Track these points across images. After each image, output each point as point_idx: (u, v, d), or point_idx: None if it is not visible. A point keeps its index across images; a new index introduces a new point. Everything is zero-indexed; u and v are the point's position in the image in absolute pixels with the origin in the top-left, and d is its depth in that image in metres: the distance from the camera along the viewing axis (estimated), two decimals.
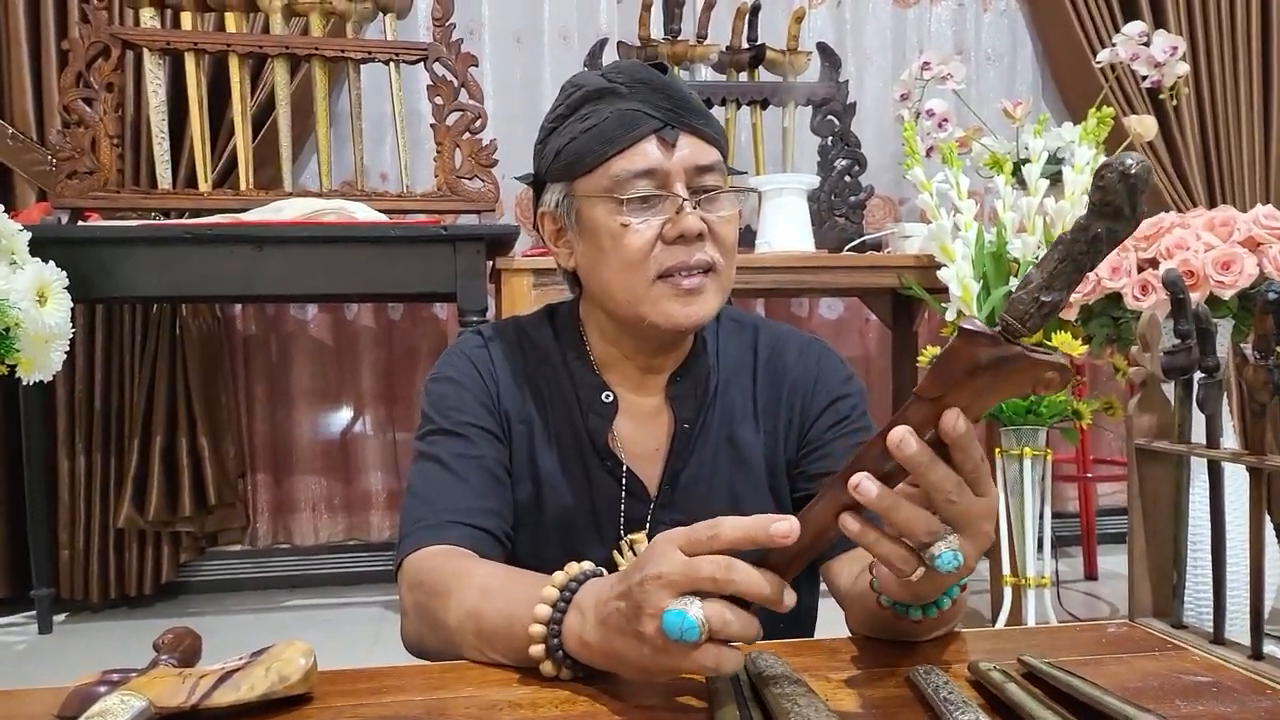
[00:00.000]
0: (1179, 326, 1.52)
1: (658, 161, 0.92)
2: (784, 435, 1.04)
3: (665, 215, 0.92)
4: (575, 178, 0.96)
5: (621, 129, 0.92)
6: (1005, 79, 3.59)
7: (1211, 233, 1.92)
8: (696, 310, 0.94)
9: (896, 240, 2.85)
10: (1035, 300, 0.56)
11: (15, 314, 1.81)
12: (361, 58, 2.70)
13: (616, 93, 0.94)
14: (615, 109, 0.93)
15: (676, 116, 0.93)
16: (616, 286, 0.95)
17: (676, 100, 0.93)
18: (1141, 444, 1.67)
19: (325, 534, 3.28)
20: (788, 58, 3.06)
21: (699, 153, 0.93)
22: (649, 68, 0.95)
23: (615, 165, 0.92)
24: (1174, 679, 0.73)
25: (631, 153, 0.92)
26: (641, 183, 0.92)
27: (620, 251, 0.93)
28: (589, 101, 0.95)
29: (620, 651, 0.65)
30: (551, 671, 0.70)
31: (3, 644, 2.71)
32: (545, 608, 0.70)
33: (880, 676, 0.74)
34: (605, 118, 0.93)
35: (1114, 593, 2.99)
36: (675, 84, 0.95)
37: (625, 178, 0.92)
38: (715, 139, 0.95)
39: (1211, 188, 3.50)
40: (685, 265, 0.92)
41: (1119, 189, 0.53)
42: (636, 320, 0.95)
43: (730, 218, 0.96)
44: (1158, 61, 2.58)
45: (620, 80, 0.94)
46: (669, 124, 0.92)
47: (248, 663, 0.68)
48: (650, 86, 0.93)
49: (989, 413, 2.25)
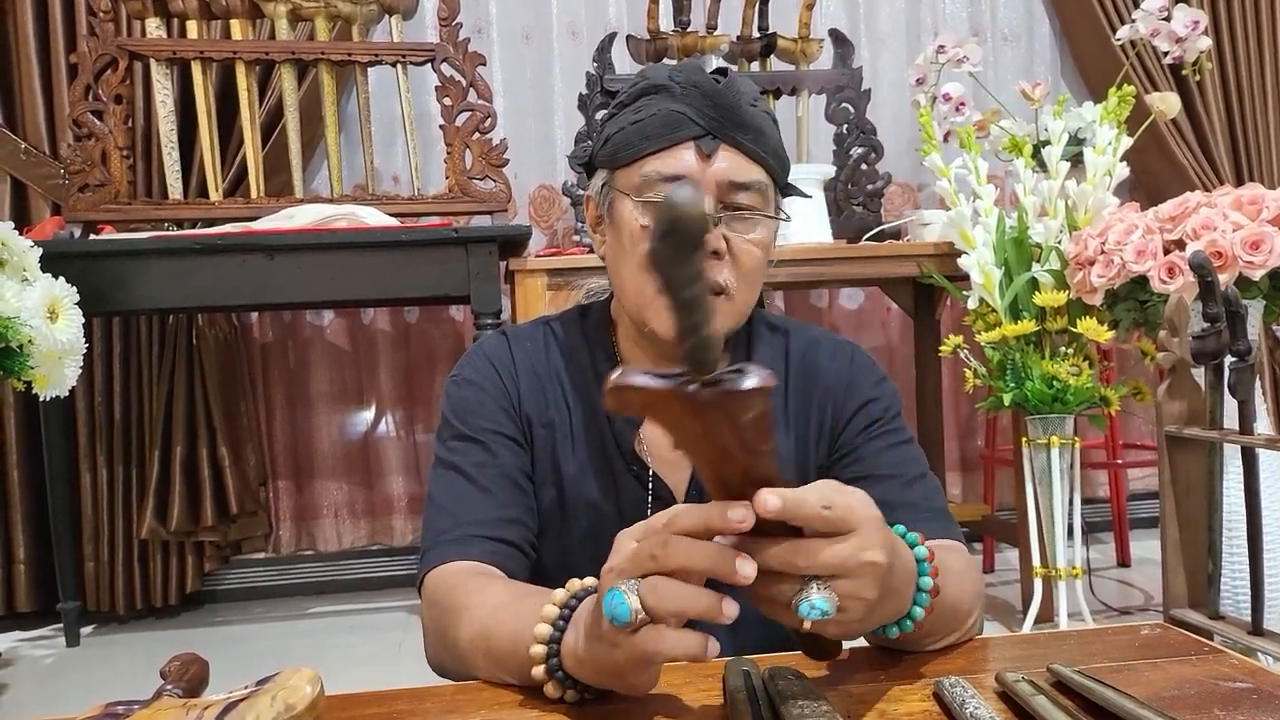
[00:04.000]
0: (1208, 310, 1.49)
1: (690, 169, 0.90)
2: (815, 440, 1.01)
3: None
4: (616, 168, 0.95)
5: (663, 129, 0.90)
6: (1023, 59, 3.53)
7: (1239, 212, 1.87)
8: None
9: (915, 228, 2.80)
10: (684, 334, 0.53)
11: (27, 331, 1.81)
12: (368, 61, 2.68)
13: (670, 91, 0.91)
14: (664, 108, 0.91)
15: (721, 127, 0.90)
16: (629, 287, 0.95)
17: (724, 110, 0.90)
18: (1172, 431, 1.63)
19: (348, 539, 3.28)
20: (800, 45, 3.02)
21: (737, 169, 0.91)
22: (707, 72, 0.92)
23: (649, 164, 0.91)
24: (1211, 686, 0.70)
25: (667, 155, 0.91)
26: (668, 188, 0.90)
27: (636, 253, 0.92)
28: (646, 95, 0.93)
29: (598, 659, 0.63)
30: (555, 694, 0.68)
31: (31, 658, 2.73)
32: (545, 626, 0.67)
33: (904, 690, 0.71)
34: (653, 114, 0.91)
35: (1148, 580, 2.95)
36: (728, 93, 0.90)
37: (655, 179, 0.91)
38: (763, 158, 0.92)
39: (1238, 165, 3.44)
40: None
41: (661, 220, 0.50)
42: (642, 324, 0.95)
43: (758, 241, 0.92)
44: (1179, 37, 2.52)
45: (678, 79, 0.91)
46: (710, 133, 0.90)
47: (253, 692, 0.66)
48: (700, 91, 0.90)
49: (1012, 403, 2.21)
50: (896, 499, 0.94)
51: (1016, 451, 2.43)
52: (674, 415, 0.57)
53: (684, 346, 0.53)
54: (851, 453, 0.99)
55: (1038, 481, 2.30)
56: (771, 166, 0.93)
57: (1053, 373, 2.18)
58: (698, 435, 0.57)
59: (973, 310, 2.37)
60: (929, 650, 0.79)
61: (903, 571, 0.67)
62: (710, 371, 0.54)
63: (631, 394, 0.55)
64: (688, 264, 0.51)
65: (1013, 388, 2.22)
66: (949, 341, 2.31)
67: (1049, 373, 2.18)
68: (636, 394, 0.55)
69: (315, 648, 2.74)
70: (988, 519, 3.04)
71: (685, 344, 0.53)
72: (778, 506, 0.59)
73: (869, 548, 0.61)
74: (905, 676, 0.74)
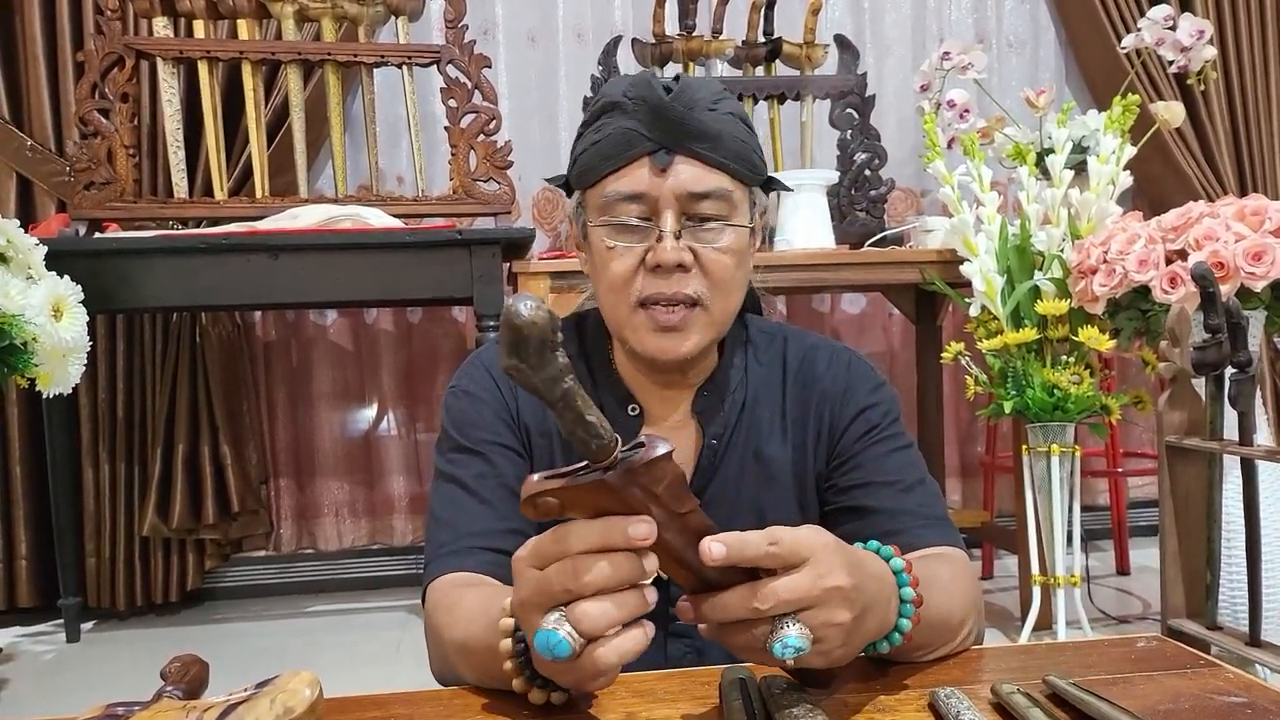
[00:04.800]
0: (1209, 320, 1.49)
1: (647, 186, 0.89)
2: (813, 448, 1.00)
3: (649, 243, 0.90)
4: (584, 189, 0.95)
5: (617, 148, 0.90)
6: (1028, 67, 3.53)
7: (1242, 222, 1.86)
8: (675, 346, 0.92)
9: (919, 234, 2.80)
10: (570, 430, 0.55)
11: (31, 329, 1.82)
12: (374, 62, 2.69)
13: (623, 108, 0.90)
14: (619, 126, 0.90)
15: (673, 139, 0.89)
16: (605, 306, 0.96)
17: (674, 121, 0.89)
18: (1172, 441, 1.63)
19: (349, 539, 3.28)
20: (805, 51, 3.02)
21: (696, 179, 0.89)
22: (656, 84, 0.90)
23: (609, 184, 0.91)
24: (1206, 700, 0.70)
25: (624, 174, 0.90)
26: (630, 206, 0.90)
27: (605, 274, 0.92)
28: (605, 113, 0.92)
29: (557, 675, 0.64)
30: (540, 699, 0.68)
31: (32, 653, 2.73)
32: (508, 641, 0.67)
33: (899, 700, 0.71)
34: (609, 134, 0.90)
35: (1146, 588, 2.95)
36: (678, 103, 0.89)
37: (615, 199, 0.91)
38: (723, 163, 0.90)
39: (1242, 175, 3.43)
40: (664, 297, 0.90)
41: (504, 337, 0.51)
42: (623, 342, 0.96)
43: (727, 249, 0.91)
44: (1184, 46, 2.52)
45: (630, 95, 0.90)
46: (663, 147, 0.89)
47: (252, 694, 0.66)
48: (649, 105, 0.89)
49: (1012, 411, 2.21)
50: (896, 505, 0.94)
51: (1016, 459, 2.43)
52: (595, 504, 0.58)
53: (575, 441, 0.55)
54: (850, 460, 0.98)
55: (1037, 489, 2.30)
56: (735, 170, 0.91)
57: (1054, 381, 2.18)
58: (625, 514, 0.58)
59: (975, 317, 2.37)
60: (924, 660, 0.79)
61: (877, 587, 0.67)
62: (610, 454, 0.55)
63: (546, 500, 0.57)
64: (545, 368, 0.51)
65: (1014, 395, 2.22)
66: (950, 348, 2.31)
67: (1050, 381, 2.18)
68: (552, 498, 0.57)
69: (315, 646, 2.74)
70: (987, 525, 3.04)
71: (575, 438, 0.54)
72: (722, 552, 0.60)
73: (826, 573, 0.62)
74: (899, 687, 0.73)
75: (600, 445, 0.55)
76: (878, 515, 0.94)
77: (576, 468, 0.58)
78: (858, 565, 0.65)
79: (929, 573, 0.74)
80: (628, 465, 0.56)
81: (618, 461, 0.56)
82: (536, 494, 0.57)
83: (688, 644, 0.97)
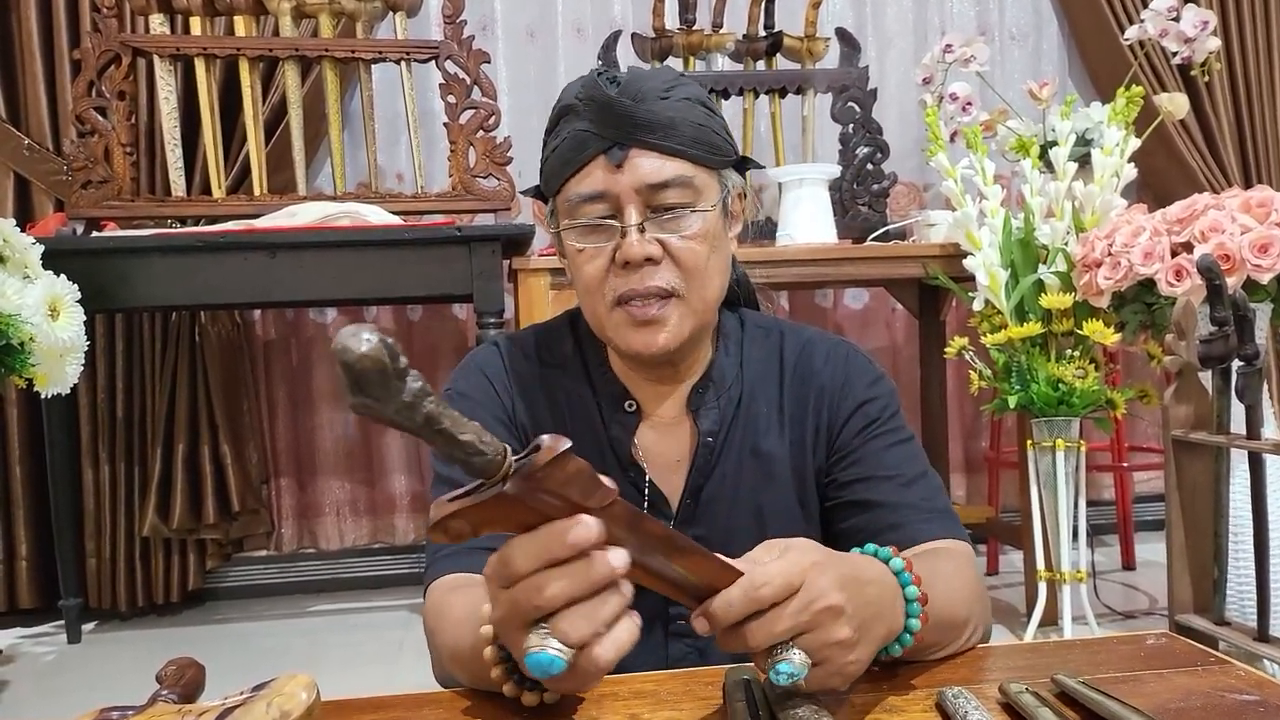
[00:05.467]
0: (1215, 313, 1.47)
1: (605, 184, 0.89)
2: (812, 444, 0.99)
3: (616, 240, 0.90)
4: (553, 195, 0.95)
5: (573, 151, 0.90)
6: (1030, 59, 3.51)
7: (1248, 214, 1.85)
8: (656, 339, 0.91)
9: (921, 229, 2.79)
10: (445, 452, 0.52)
11: (28, 329, 1.81)
12: (372, 58, 2.67)
13: (576, 110, 0.90)
14: (573, 129, 0.90)
15: (623, 133, 0.88)
16: (585, 309, 0.96)
17: (623, 115, 0.88)
18: (1179, 435, 1.62)
19: (350, 538, 3.27)
20: (805, 44, 3.00)
21: (653, 170, 0.88)
22: (602, 82, 0.89)
23: (570, 188, 0.91)
24: (1217, 698, 0.68)
25: (582, 175, 0.90)
26: (592, 207, 0.90)
27: (580, 276, 0.92)
28: (562, 118, 0.92)
29: (552, 682, 0.63)
30: (533, 701, 0.67)
31: (32, 655, 2.72)
32: (489, 628, 0.66)
33: (906, 700, 0.70)
34: (564, 138, 0.90)
35: (1152, 583, 2.93)
36: (622, 100, 0.88)
37: (577, 201, 0.90)
38: (679, 149, 0.89)
39: (1247, 167, 3.42)
40: (636, 293, 0.89)
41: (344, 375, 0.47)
42: (608, 343, 0.95)
43: (696, 235, 0.90)
44: (1188, 37, 2.50)
45: (580, 97, 0.90)
46: (615, 143, 0.88)
47: (249, 698, 0.65)
48: (597, 103, 0.88)
49: (1017, 406, 2.19)
50: (897, 499, 0.93)
51: (1021, 454, 2.42)
52: (508, 518, 0.56)
53: (459, 465, 0.52)
54: (850, 454, 0.97)
55: (1042, 484, 2.29)
56: (694, 155, 0.90)
57: (1058, 375, 2.16)
58: (542, 523, 0.56)
59: (978, 312, 2.35)
60: (931, 659, 0.78)
61: (877, 592, 0.66)
62: (500, 467, 0.53)
63: (454, 522, 0.55)
64: (394, 398, 0.48)
65: (1018, 390, 2.21)
66: (954, 343, 2.29)
67: (1054, 375, 2.17)
68: (459, 520, 0.55)
69: (317, 646, 2.73)
70: (992, 521, 3.03)
71: (456, 463, 0.52)
72: (705, 627, 0.62)
73: (818, 596, 0.61)
74: (906, 686, 0.72)
75: (485, 461, 0.52)
76: (879, 509, 0.93)
77: (474, 485, 0.55)
78: (852, 578, 0.64)
79: (930, 570, 0.72)
80: (523, 472, 0.54)
81: (511, 471, 0.54)
82: (442, 519, 0.55)
83: (689, 644, 0.96)
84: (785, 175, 2.69)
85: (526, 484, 0.54)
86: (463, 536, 0.56)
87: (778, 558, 0.63)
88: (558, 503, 0.56)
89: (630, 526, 0.59)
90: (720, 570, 0.62)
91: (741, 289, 1.10)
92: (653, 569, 0.61)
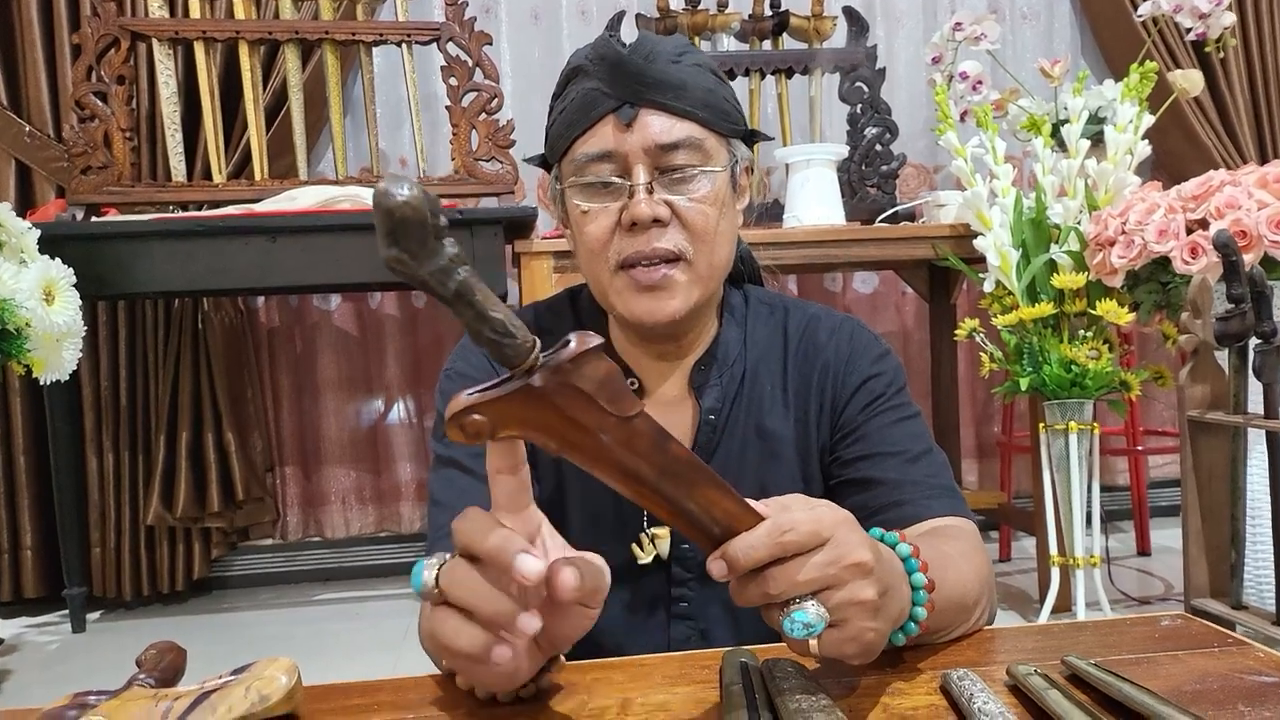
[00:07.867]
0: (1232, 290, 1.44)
1: (614, 143, 0.87)
2: (816, 421, 0.97)
3: (623, 201, 0.87)
4: (559, 161, 0.92)
5: (582, 111, 0.88)
6: (1042, 37, 3.46)
7: (1264, 190, 1.82)
8: (662, 306, 0.88)
9: (931, 209, 2.75)
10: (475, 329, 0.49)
11: (24, 313, 1.79)
12: (373, 40, 2.65)
13: (585, 70, 0.89)
14: (582, 89, 0.88)
15: (634, 92, 0.86)
16: (588, 274, 0.93)
17: (634, 74, 0.86)
18: (1194, 416, 1.58)
19: (356, 526, 3.26)
20: (812, 23, 2.96)
21: (663, 130, 0.86)
22: (614, 42, 0.88)
23: (578, 149, 0.88)
24: (1235, 679, 0.65)
25: (590, 135, 0.88)
26: (600, 166, 0.87)
27: (583, 240, 0.90)
28: (571, 81, 0.91)
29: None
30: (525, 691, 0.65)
31: (37, 644, 2.72)
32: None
33: (910, 683, 0.67)
34: (573, 98, 0.89)
35: (1168, 569, 2.89)
36: (636, 56, 0.87)
37: (584, 161, 0.88)
38: (690, 111, 0.87)
39: (1262, 143, 3.37)
40: (643, 255, 0.87)
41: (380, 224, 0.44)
42: (610, 310, 0.93)
43: (705, 197, 0.88)
44: (1202, 12, 2.45)
45: (591, 58, 0.88)
46: (626, 101, 0.86)
47: (227, 682, 0.64)
48: (608, 62, 0.87)
49: (1029, 388, 2.16)
50: (901, 476, 0.91)
51: (1034, 438, 2.38)
52: (530, 417, 0.52)
53: (484, 345, 0.49)
54: (854, 431, 0.95)
55: (1055, 468, 2.25)
56: (704, 118, 0.88)
57: (1071, 357, 2.13)
58: (564, 429, 0.53)
59: (989, 293, 2.32)
60: (939, 642, 0.75)
61: (892, 570, 0.63)
62: (529, 355, 0.50)
63: (473, 417, 0.51)
64: (431, 258, 0.45)
65: (1030, 372, 2.17)
66: (965, 325, 2.26)
67: (1067, 357, 2.13)
68: (478, 415, 0.51)
69: (322, 634, 2.72)
70: (1004, 506, 2.99)
71: (483, 341, 0.49)
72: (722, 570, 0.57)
73: (848, 551, 0.57)
74: (910, 668, 0.70)
75: (514, 345, 0.49)
76: (883, 486, 0.91)
77: (499, 379, 0.52)
78: (876, 547, 0.61)
79: (937, 553, 0.70)
80: (550, 365, 0.50)
81: (539, 364, 0.51)
82: (460, 413, 0.51)
83: (690, 626, 0.94)
84: (792, 156, 2.66)
85: (555, 377, 0.51)
86: (480, 436, 0.52)
87: (806, 508, 0.59)
88: (586, 408, 0.52)
89: (655, 445, 0.55)
90: (743, 511, 0.58)
91: (746, 266, 1.07)
92: (670, 497, 0.57)
